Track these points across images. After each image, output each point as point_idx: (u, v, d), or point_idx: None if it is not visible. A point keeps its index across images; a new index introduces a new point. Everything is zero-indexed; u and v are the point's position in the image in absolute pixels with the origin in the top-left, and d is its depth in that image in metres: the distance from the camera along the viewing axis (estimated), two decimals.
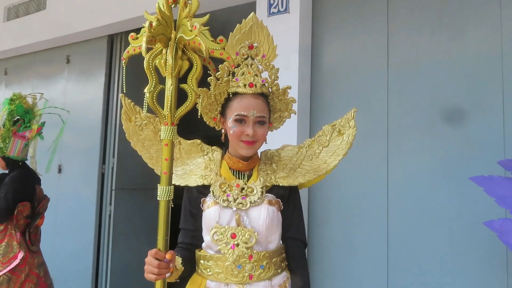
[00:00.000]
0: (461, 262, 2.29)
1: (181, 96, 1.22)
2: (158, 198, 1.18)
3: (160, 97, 1.18)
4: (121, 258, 3.78)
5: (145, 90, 1.13)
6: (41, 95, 2.94)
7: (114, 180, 3.81)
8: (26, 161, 2.82)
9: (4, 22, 4.66)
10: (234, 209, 1.37)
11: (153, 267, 1.18)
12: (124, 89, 1.21)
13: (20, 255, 2.61)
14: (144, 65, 1.12)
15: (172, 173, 1.20)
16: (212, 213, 1.38)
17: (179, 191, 1.36)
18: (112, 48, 3.99)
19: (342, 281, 2.62)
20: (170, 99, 1.14)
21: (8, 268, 2.56)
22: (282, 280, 1.41)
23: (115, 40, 4.00)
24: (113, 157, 3.84)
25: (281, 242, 1.45)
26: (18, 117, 2.75)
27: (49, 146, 2.91)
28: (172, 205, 1.21)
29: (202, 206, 1.42)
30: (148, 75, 1.14)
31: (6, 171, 2.77)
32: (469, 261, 2.28)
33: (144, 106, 1.15)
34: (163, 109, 1.17)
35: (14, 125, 2.71)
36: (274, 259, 1.39)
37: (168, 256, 1.19)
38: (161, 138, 1.17)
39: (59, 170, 4.13)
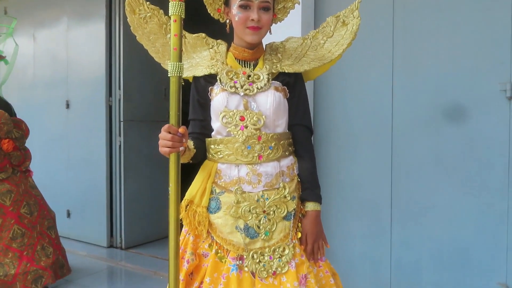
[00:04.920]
0: (464, 170, 2.36)
1: None
2: (169, 75, 1.21)
3: None
4: (133, 186, 3.93)
5: None
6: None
7: (122, 111, 3.87)
8: None
9: None
10: (242, 94, 1.42)
11: (167, 140, 1.24)
12: None
13: None
14: None
15: (182, 49, 1.23)
16: (220, 100, 1.43)
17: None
18: None
19: (347, 186, 2.73)
20: None
21: None
22: (290, 162, 1.48)
23: None
24: (119, 89, 3.87)
25: (287, 130, 1.51)
26: None
27: None
28: (183, 83, 1.25)
29: (210, 94, 1.47)
30: None
31: None
32: (472, 170, 2.34)
33: None
34: None
35: None
36: (282, 142, 1.45)
37: (181, 130, 1.24)
38: (169, 14, 1.19)
39: (67, 106, 4.19)
